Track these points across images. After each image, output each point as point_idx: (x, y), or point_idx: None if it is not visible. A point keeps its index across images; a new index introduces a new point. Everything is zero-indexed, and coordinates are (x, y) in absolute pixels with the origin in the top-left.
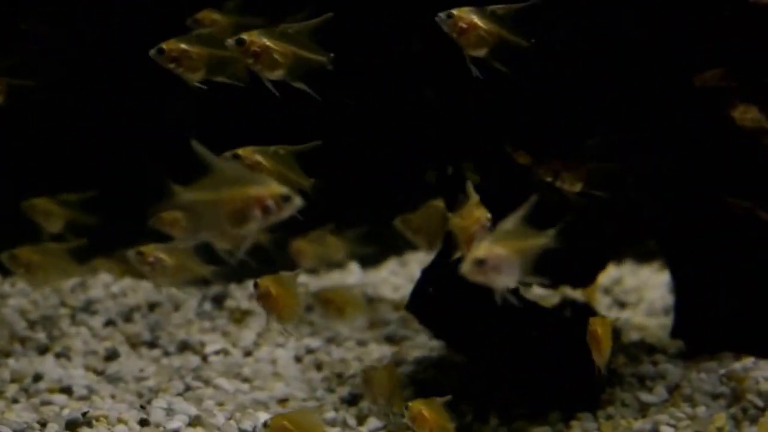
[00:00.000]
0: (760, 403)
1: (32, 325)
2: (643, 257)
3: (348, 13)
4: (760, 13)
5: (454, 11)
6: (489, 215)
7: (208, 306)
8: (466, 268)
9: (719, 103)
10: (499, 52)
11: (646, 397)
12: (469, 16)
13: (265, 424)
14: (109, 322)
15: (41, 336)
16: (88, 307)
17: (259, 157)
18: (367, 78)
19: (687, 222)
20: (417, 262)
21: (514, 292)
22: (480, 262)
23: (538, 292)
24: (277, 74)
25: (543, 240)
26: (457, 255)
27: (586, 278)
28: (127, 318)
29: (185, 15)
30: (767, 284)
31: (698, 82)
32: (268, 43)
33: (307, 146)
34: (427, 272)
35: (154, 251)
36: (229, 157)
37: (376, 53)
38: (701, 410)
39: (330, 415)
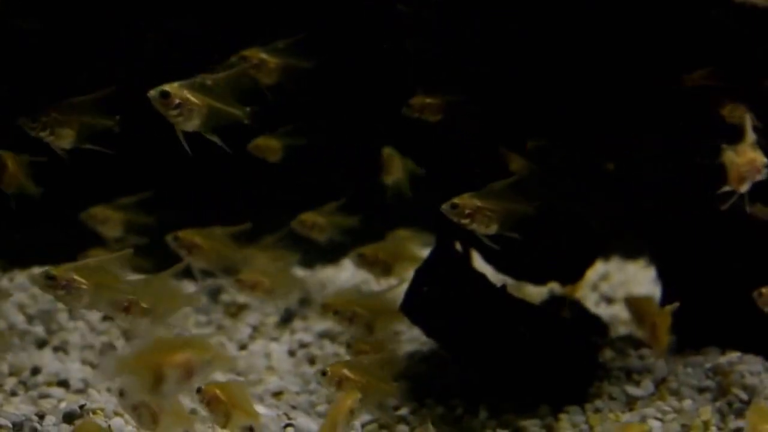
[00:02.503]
0: (745, 396)
1: (30, 319)
2: (630, 253)
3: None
4: (747, 14)
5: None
6: (765, 160)
7: (203, 300)
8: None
9: (708, 102)
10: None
11: (633, 390)
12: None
13: (198, 390)
14: (107, 317)
15: (39, 330)
16: None
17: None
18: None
19: (674, 219)
20: None
21: (501, 288)
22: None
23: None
24: (193, 125)
25: None
26: (725, 189)
27: (574, 275)
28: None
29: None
30: (753, 280)
31: (687, 81)
32: (189, 96)
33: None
34: (420, 272)
35: None
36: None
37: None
38: (687, 404)
39: (323, 408)
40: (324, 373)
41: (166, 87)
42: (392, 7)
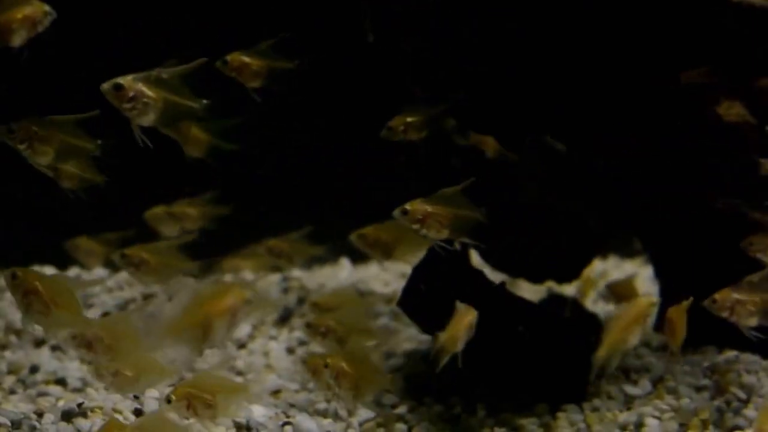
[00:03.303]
0: (742, 395)
1: None
2: (627, 252)
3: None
4: (743, 13)
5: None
6: None
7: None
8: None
9: (704, 99)
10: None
11: (631, 389)
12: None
13: (168, 400)
14: (106, 314)
15: (38, 328)
16: (85, 301)
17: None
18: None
19: (672, 217)
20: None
21: (501, 285)
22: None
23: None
24: (150, 119)
25: None
26: None
27: (571, 273)
28: (123, 310)
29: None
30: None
31: (684, 79)
32: (143, 88)
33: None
34: (418, 269)
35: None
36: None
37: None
38: (685, 402)
39: (321, 406)
40: (326, 365)
41: (120, 79)
42: (391, 8)
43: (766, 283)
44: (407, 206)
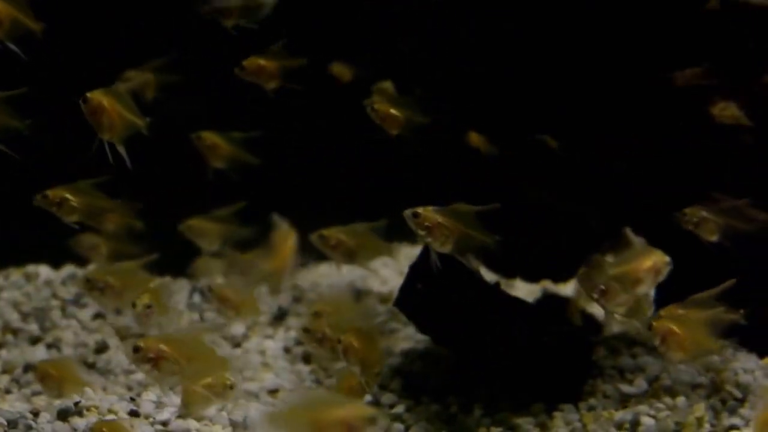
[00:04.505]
0: (738, 394)
1: (25, 316)
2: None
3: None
4: (740, 12)
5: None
6: None
7: (197, 298)
8: None
9: (699, 100)
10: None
11: (626, 388)
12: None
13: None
14: (98, 315)
15: (33, 327)
16: (78, 300)
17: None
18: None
19: (668, 216)
20: (406, 255)
21: (495, 286)
22: None
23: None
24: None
25: None
26: None
27: (567, 273)
28: (117, 311)
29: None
30: (746, 277)
31: (678, 80)
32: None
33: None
34: (415, 268)
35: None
36: None
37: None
38: (681, 401)
39: None
40: (339, 341)
41: (89, 93)
42: (388, 7)
43: (712, 300)
44: (420, 210)
